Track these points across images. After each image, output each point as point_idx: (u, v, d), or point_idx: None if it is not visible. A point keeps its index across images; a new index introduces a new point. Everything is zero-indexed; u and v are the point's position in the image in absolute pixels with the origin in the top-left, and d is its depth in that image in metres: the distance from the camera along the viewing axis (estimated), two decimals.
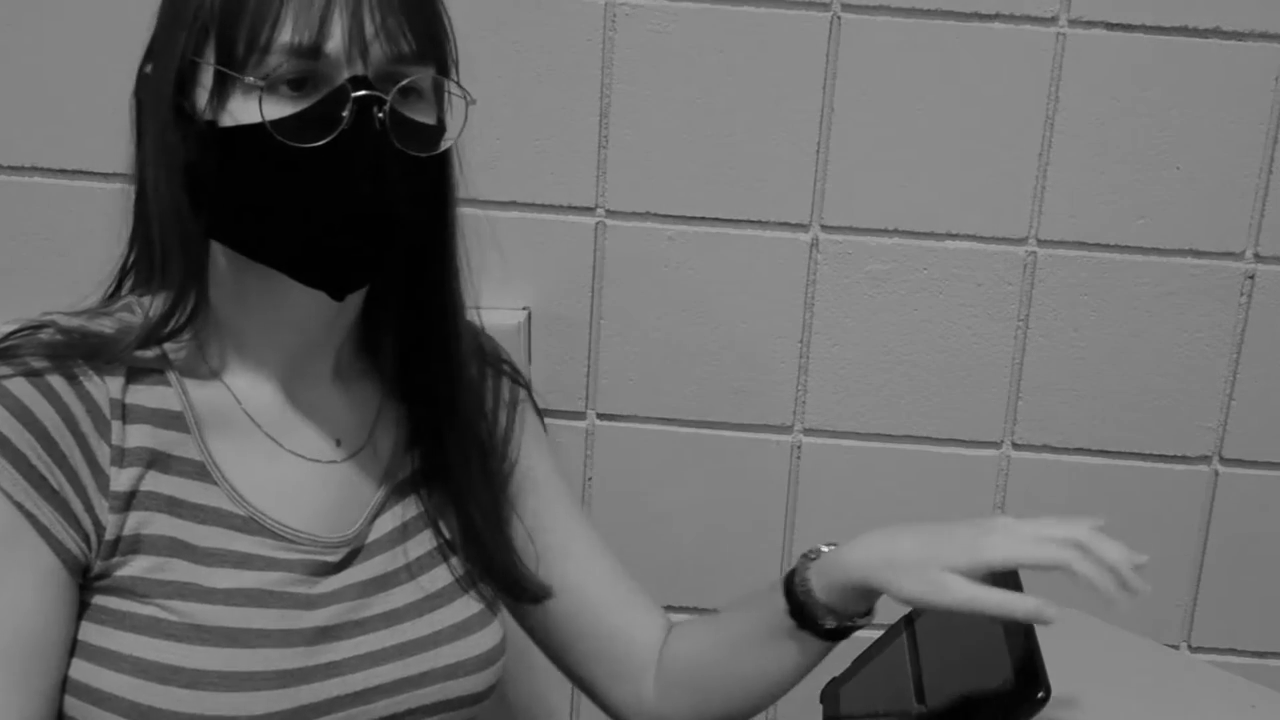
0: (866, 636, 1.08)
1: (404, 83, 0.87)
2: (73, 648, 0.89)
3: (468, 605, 1.03)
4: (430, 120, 0.91)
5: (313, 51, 0.85)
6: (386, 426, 1.05)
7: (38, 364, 0.87)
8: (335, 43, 0.85)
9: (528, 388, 1.15)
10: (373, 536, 1.00)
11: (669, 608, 1.57)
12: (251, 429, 0.96)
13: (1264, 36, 1.42)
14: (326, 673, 0.93)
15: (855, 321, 1.51)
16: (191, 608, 0.89)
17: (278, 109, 0.85)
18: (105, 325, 0.93)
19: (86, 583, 0.89)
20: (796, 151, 1.46)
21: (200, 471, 0.92)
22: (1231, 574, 1.57)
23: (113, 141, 1.47)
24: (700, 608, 1.58)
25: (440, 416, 1.03)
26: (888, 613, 1.04)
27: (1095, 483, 1.54)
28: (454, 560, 1.04)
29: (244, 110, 0.86)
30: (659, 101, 1.46)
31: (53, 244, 1.48)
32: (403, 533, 1.02)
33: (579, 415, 1.53)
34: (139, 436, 0.90)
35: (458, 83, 0.94)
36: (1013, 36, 1.43)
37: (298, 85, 0.86)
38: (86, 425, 0.87)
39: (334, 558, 0.97)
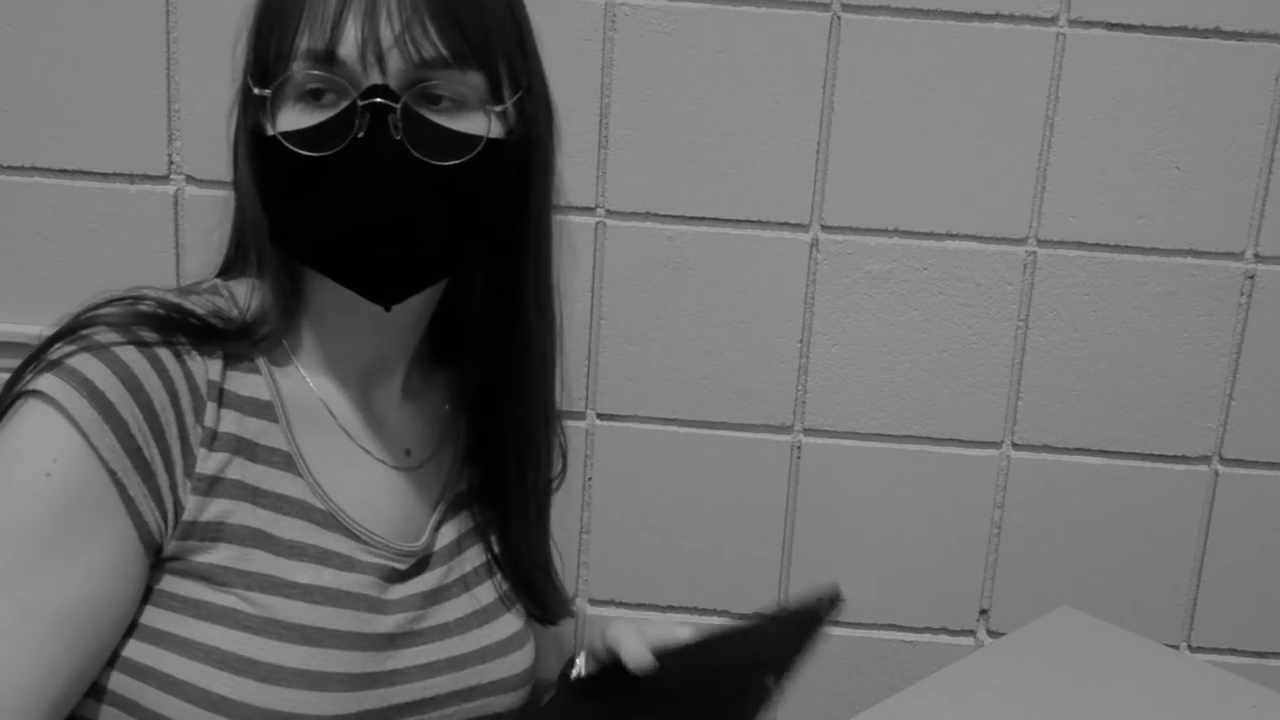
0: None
1: (418, 88, 0.86)
2: (130, 627, 0.88)
3: (510, 623, 1.04)
4: (470, 128, 0.89)
5: (327, 57, 0.85)
6: (449, 439, 1.06)
7: (147, 335, 0.87)
8: (349, 48, 0.85)
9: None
10: (435, 547, 1.01)
11: (669, 608, 1.58)
12: (333, 426, 0.97)
13: (1264, 36, 1.42)
14: (390, 679, 0.94)
15: (855, 321, 1.51)
16: (271, 601, 0.89)
17: (299, 119, 0.87)
18: (199, 305, 0.93)
19: (156, 563, 0.88)
20: (796, 151, 1.46)
21: (286, 462, 0.93)
22: (1231, 574, 1.57)
23: (114, 142, 1.47)
24: (700, 608, 1.58)
25: (505, 435, 1.04)
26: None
27: (1095, 483, 1.54)
28: (498, 576, 1.05)
29: (269, 122, 0.88)
30: (659, 101, 1.46)
31: (53, 244, 1.48)
32: (458, 546, 1.03)
33: (579, 415, 1.53)
34: (230, 422, 0.90)
35: (505, 89, 0.91)
36: (1013, 36, 1.43)
37: (318, 95, 0.87)
38: (186, 402, 0.87)
39: (403, 565, 0.98)
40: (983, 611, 1.59)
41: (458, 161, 0.87)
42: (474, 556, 1.05)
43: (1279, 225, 1.47)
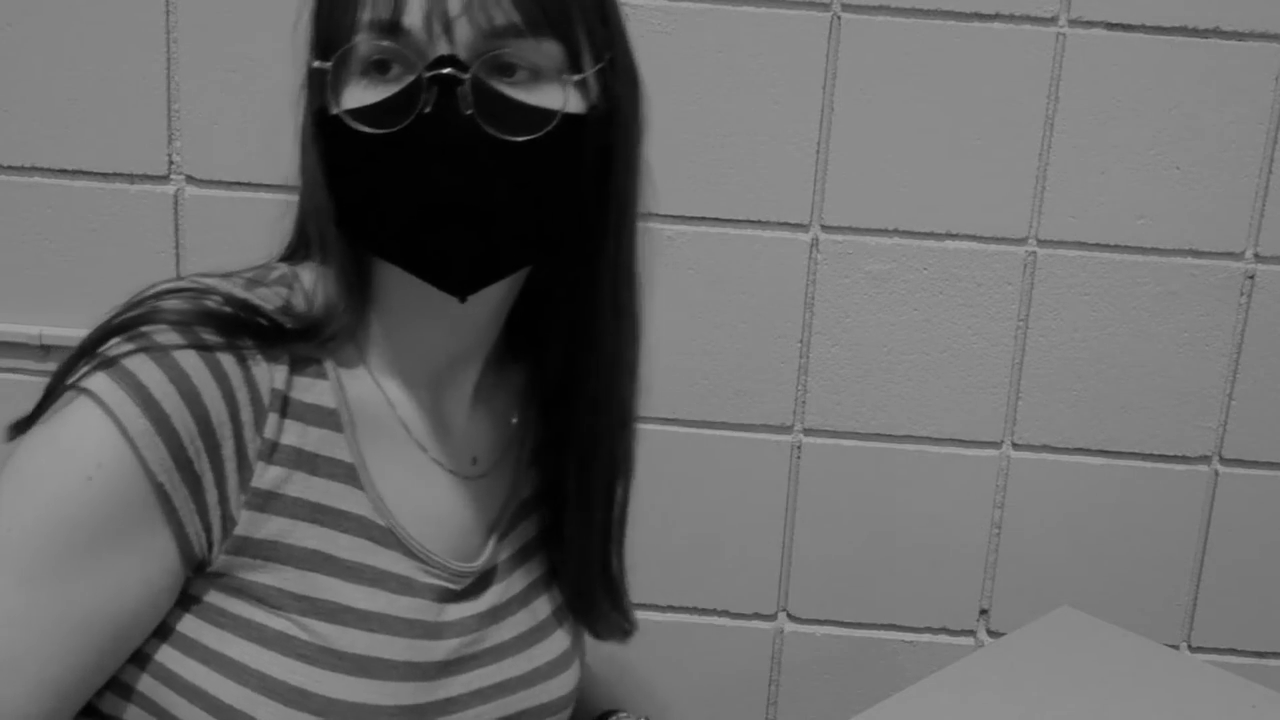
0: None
1: (488, 57, 0.79)
2: (165, 632, 0.84)
3: (560, 640, 1.00)
4: (547, 101, 0.81)
5: (392, 27, 0.79)
6: (515, 443, 1.01)
7: (210, 338, 0.81)
8: (414, 16, 0.79)
9: None
10: (494, 562, 0.97)
11: (669, 608, 1.58)
12: (400, 433, 0.92)
13: (1264, 36, 1.42)
14: (441, 709, 0.91)
15: (855, 321, 1.51)
16: (326, 629, 0.85)
17: (363, 95, 0.81)
18: (267, 299, 0.87)
19: (200, 576, 0.84)
20: (796, 151, 1.46)
21: (349, 475, 0.88)
22: (1231, 574, 1.57)
23: (114, 142, 1.47)
24: (700, 608, 1.58)
25: (571, 437, 0.99)
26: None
27: (1095, 483, 1.54)
28: (554, 589, 1.01)
29: (333, 99, 0.82)
30: (659, 102, 1.45)
31: (53, 244, 1.48)
32: (520, 557, 0.99)
33: None
34: (292, 434, 0.85)
35: (585, 60, 0.84)
36: (1013, 36, 1.43)
37: (384, 69, 0.80)
38: (246, 414, 0.82)
39: (459, 585, 0.93)
40: (983, 611, 1.59)
41: (532, 137, 0.80)
42: (535, 567, 1.00)
43: (1279, 225, 1.47)
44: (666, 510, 1.56)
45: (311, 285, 0.89)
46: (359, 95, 0.81)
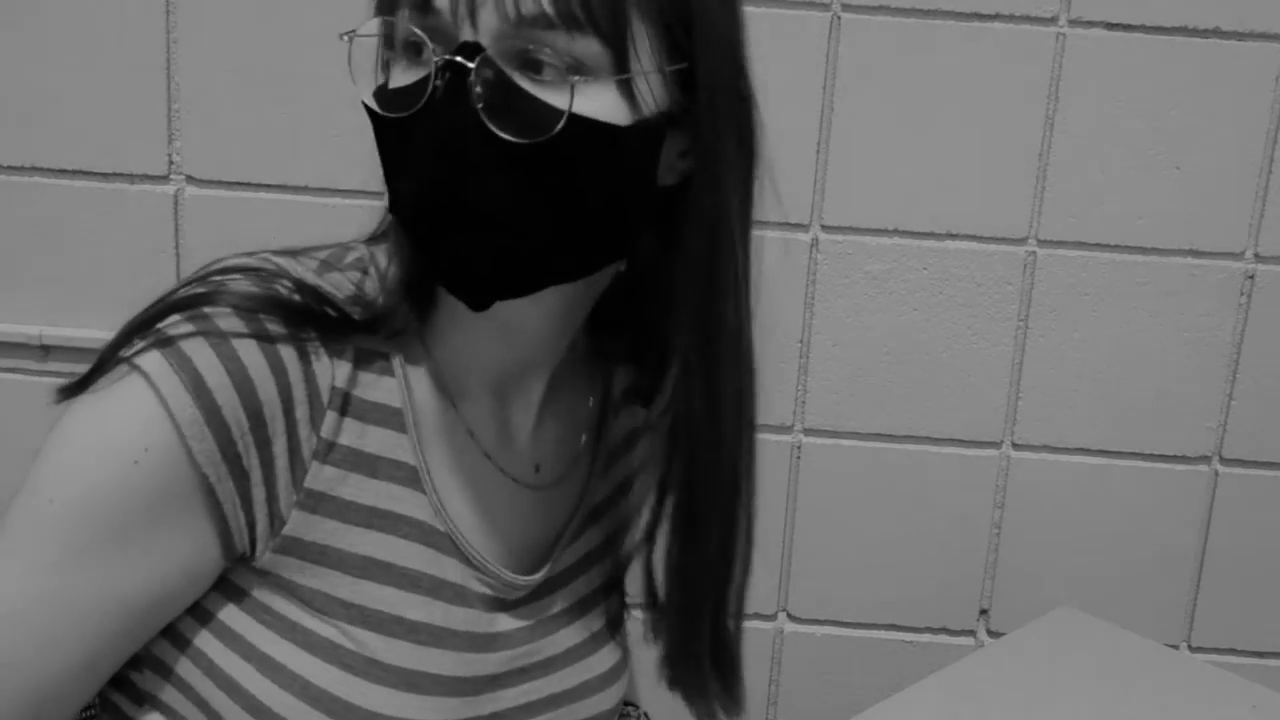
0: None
1: (514, 49, 0.73)
2: (205, 618, 0.82)
3: (612, 653, 0.98)
4: (581, 105, 0.74)
5: (424, 7, 0.74)
6: (587, 453, 0.96)
7: (274, 328, 0.77)
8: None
9: None
10: (553, 573, 0.93)
11: None
12: (465, 438, 0.87)
13: (1264, 36, 1.42)
14: None
15: (855, 321, 1.51)
16: (374, 639, 0.82)
17: (397, 77, 0.76)
18: (339, 286, 0.83)
19: (245, 568, 0.81)
20: (796, 151, 1.46)
21: (411, 478, 0.84)
22: (1231, 574, 1.57)
23: (114, 142, 1.47)
24: None
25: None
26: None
27: (1095, 483, 1.54)
28: (613, 597, 0.99)
29: (379, 77, 0.77)
30: None
31: (53, 244, 1.48)
32: (581, 565, 0.96)
33: None
34: (351, 434, 0.81)
35: (641, 61, 0.76)
36: (1013, 36, 1.43)
37: (418, 50, 0.75)
38: (302, 411, 0.79)
39: (514, 596, 0.90)
40: (983, 611, 1.59)
41: (534, 140, 0.73)
42: (596, 576, 0.97)
43: (1279, 225, 1.47)
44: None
45: (385, 270, 0.85)
46: (397, 76, 0.77)
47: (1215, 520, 1.55)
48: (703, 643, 0.94)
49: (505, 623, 0.90)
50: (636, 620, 1.16)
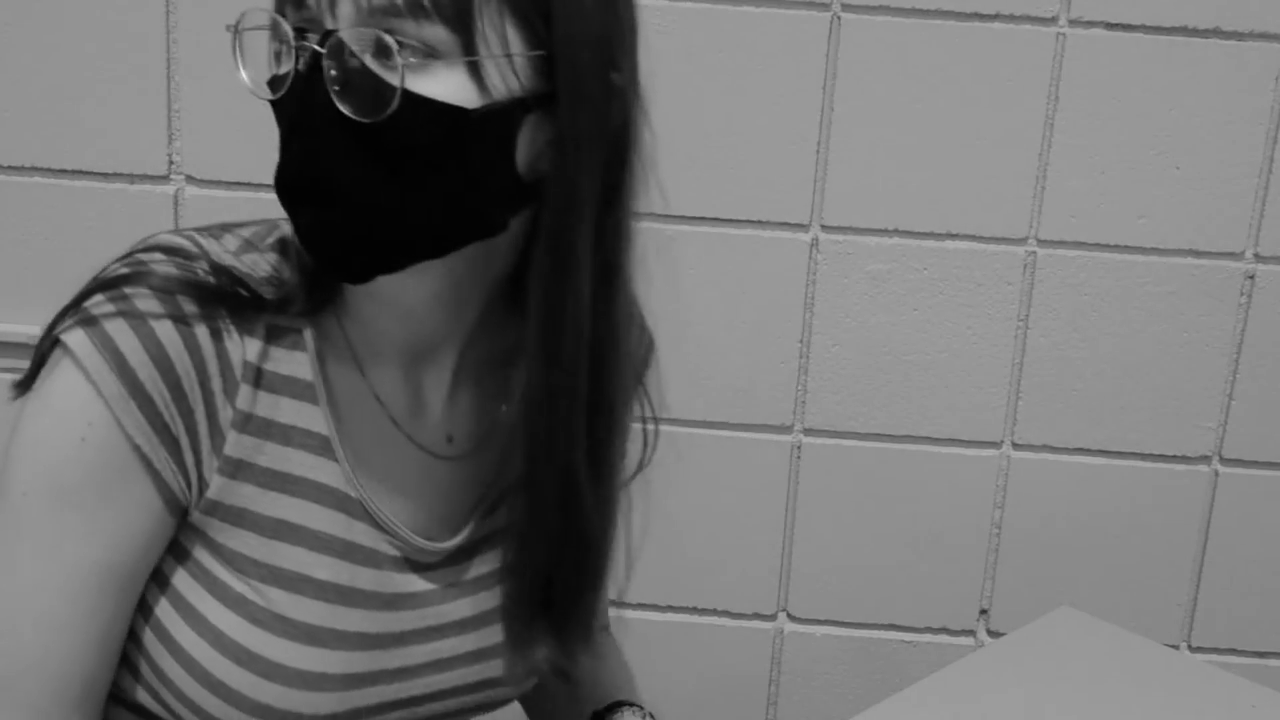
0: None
1: (367, 35, 0.77)
2: (164, 584, 0.88)
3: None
4: (427, 87, 0.78)
5: (298, 2, 0.80)
6: (502, 430, 0.97)
7: (189, 308, 0.84)
8: None
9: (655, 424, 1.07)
10: (471, 540, 0.97)
11: (669, 608, 1.58)
12: (375, 408, 0.92)
13: (1264, 36, 1.42)
14: (393, 677, 0.92)
15: (855, 321, 1.51)
16: (282, 597, 0.88)
17: (279, 67, 0.82)
18: (255, 266, 0.89)
19: (188, 527, 0.88)
20: (796, 151, 1.46)
21: (323, 446, 0.89)
22: (1231, 574, 1.57)
23: (114, 142, 1.48)
24: (700, 608, 1.58)
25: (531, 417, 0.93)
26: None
27: (1095, 483, 1.55)
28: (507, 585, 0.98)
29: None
30: (659, 101, 1.45)
31: (53, 244, 1.48)
32: (499, 538, 0.98)
33: None
34: (265, 405, 0.87)
35: (488, 47, 0.79)
36: (1013, 36, 1.43)
37: (300, 35, 0.80)
38: (216, 384, 0.85)
39: (427, 560, 0.94)
40: (983, 611, 1.59)
41: (375, 119, 0.78)
42: (494, 559, 0.98)
43: (1279, 225, 1.47)
44: (666, 510, 1.56)
45: (296, 248, 0.89)
46: (281, 64, 0.83)
47: (1215, 520, 1.55)
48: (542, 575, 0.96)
49: (417, 584, 0.94)
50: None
